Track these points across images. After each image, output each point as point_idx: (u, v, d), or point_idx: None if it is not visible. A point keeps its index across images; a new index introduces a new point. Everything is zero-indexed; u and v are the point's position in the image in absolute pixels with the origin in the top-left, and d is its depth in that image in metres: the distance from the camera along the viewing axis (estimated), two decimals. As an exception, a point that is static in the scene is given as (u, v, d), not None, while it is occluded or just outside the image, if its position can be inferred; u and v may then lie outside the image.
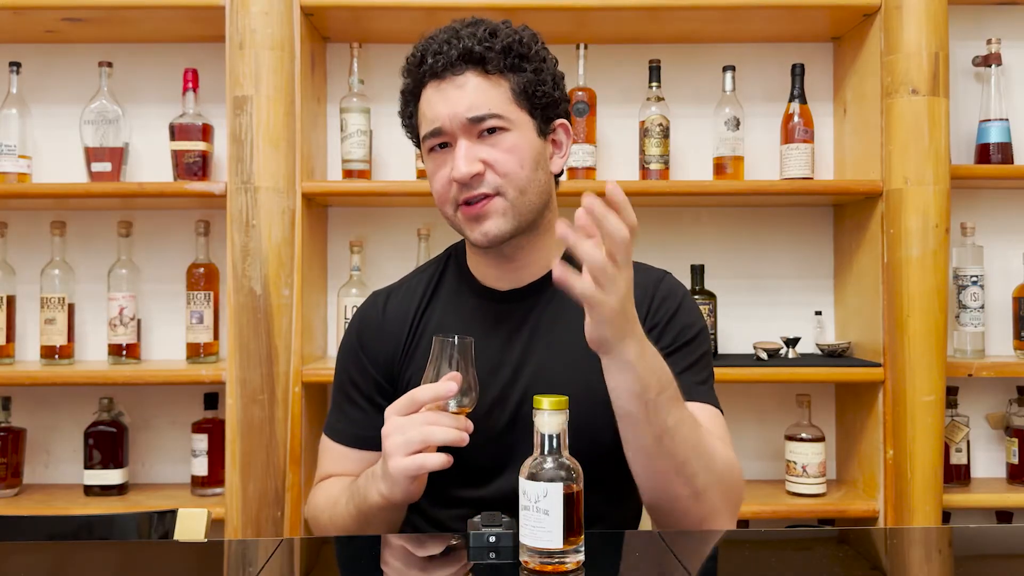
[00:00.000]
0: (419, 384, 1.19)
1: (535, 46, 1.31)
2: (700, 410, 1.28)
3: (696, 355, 1.34)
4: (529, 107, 1.30)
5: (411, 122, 1.35)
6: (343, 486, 1.33)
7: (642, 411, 1.13)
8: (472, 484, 1.32)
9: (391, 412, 1.18)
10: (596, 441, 1.23)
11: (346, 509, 1.29)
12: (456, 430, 1.14)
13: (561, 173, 1.40)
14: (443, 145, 1.29)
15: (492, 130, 1.27)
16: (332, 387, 1.46)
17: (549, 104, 1.32)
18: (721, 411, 1.33)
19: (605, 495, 1.30)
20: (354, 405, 1.40)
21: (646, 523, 1.44)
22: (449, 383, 1.14)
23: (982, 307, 2.26)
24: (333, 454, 1.41)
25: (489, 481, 1.32)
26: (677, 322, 1.34)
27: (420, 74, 1.30)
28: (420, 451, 1.15)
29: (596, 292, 1.05)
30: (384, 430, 1.18)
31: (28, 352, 2.30)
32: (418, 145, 1.37)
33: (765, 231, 2.38)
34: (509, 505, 1.21)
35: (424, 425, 1.14)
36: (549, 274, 1.36)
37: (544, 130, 1.32)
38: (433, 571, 1.10)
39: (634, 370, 1.11)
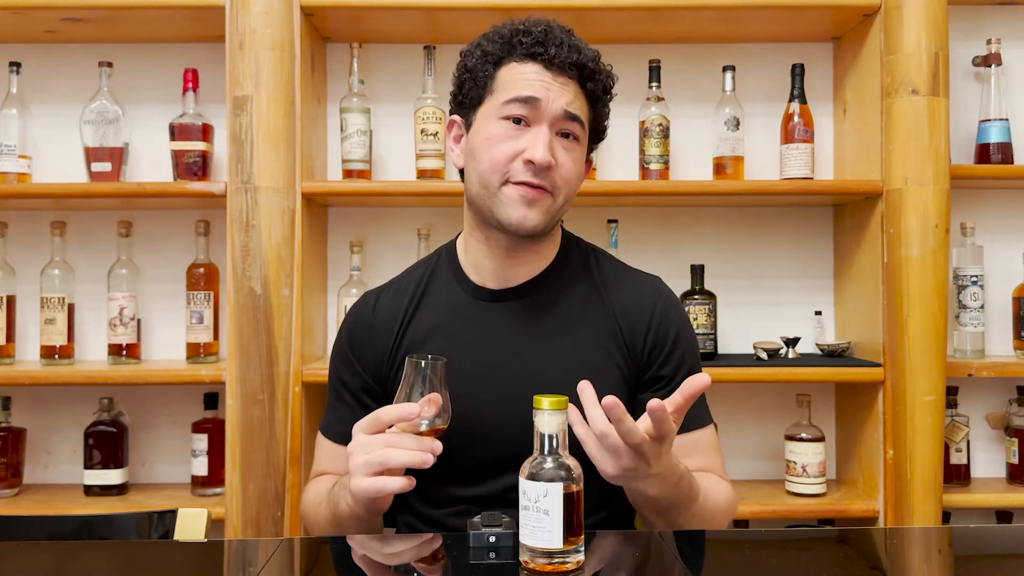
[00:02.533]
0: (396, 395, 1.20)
1: (611, 87, 1.37)
2: (701, 438, 1.37)
3: None
4: (590, 136, 1.36)
5: (485, 82, 1.32)
6: (327, 487, 1.34)
7: (655, 516, 1.25)
8: (466, 483, 1.33)
9: (357, 429, 1.19)
10: None
11: (324, 512, 1.32)
12: (418, 452, 1.14)
13: None
14: (517, 121, 1.28)
15: (568, 136, 1.31)
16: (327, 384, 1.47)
17: (598, 139, 1.39)
18: (713, 421, 1.41)
19: (601, 488, 1.30)
20: (343, 403, 1.42)
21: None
22: (412, 405, 1.14)
23: (982, 307, 2.26)
24: (325, 450, 1.44)
25: (484, 480, 1.32)
26: (677, 352, 1.37)
27: (526, 49, 1.29)
28: (381, 472, 1.15)
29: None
30: (349, 447, 1.19)
31: (28, 352, 2.30)
32: (462, 106, 1.35)
33: (765, 231, 2.38)
34: (504, 503, 1.21)
35: (385, 447, 1.15)
36: (541, 273, 1.38)
37: (585, 158, 1.38)
38: (433, 571, 1.10)
39: (650, 498, 1.20)
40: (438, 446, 1.16)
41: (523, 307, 1.36)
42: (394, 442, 1.15)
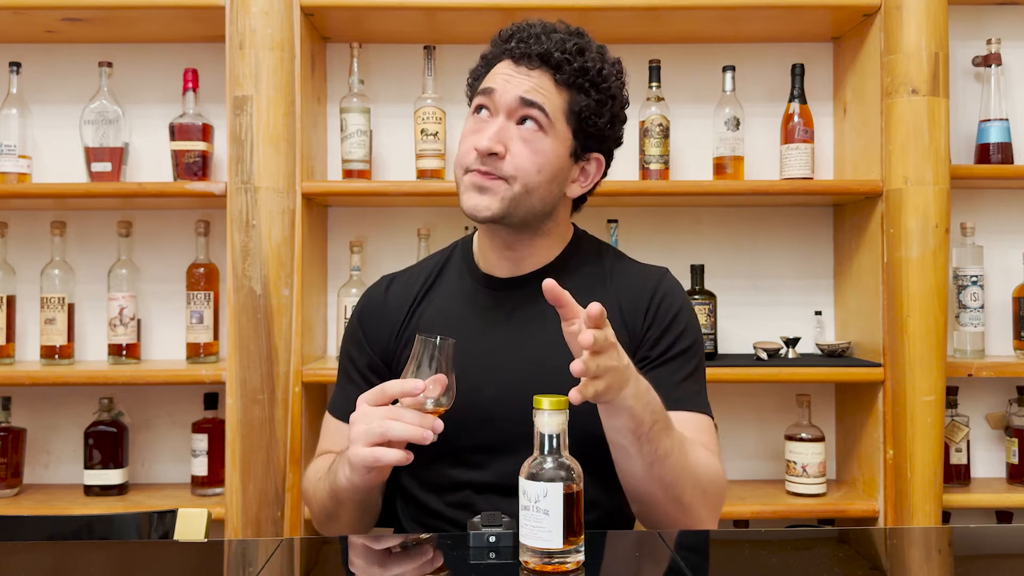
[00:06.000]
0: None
1: (612, 81, 1.35)
2: (692, 419, 1.34)
3: (692, 365, 1.38)
4: (575, 127, 1.34)
5: (476, 84, 1.39)
6: (328, 463, 1.35)
7: (635, 444, 1.19)
8: (465, 466, 1.34)
9: (362, 400, 1.20)
10: (590, 430, 1.24)
11: (323, 486, 1.33)
12: (418, 428, 1.15)
13: (581, 203, 1.43)
14: (481, 111, 1.34)
15: (528, 121, 1.31)
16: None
17: (594, 135, 1.36)
18: (712, 417, 1.38)
19: (599, 483, 1.31)
20: (350, 381, 1.44)
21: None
22: (417, 381, 1.16)
23: (982, 307, 2.26)
24: (330, 429, 1.46)
25: (482, 465, 1.33)
26: (675, 329, 1.37)
27: (503, 49, 1.35)
28: (381, 443, 1.16)
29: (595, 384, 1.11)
30: (352, 416, 1.20)
31: (28, 352, 2.30)
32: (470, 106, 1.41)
33: (765, 231, 2.38)
34: (503, 490, 1.22)
35: (386, 419, 1.16)
36: (549, 264, 1.40)
37: (578, 154, 1.36)
38: (433, 571, 1.10)
39: (630, 410, 1.16)
40: (439, 424, 1.17)
41: (528, 295, 1.38)
42: (396, 415, 1.16)
